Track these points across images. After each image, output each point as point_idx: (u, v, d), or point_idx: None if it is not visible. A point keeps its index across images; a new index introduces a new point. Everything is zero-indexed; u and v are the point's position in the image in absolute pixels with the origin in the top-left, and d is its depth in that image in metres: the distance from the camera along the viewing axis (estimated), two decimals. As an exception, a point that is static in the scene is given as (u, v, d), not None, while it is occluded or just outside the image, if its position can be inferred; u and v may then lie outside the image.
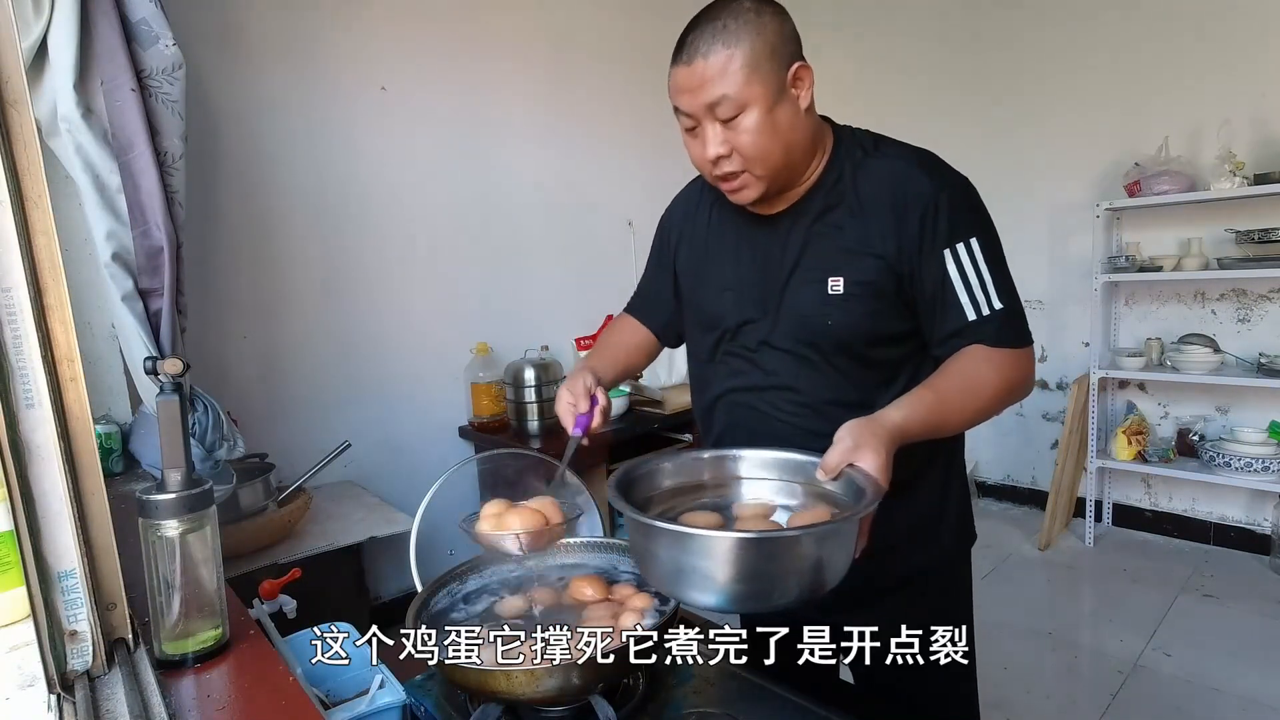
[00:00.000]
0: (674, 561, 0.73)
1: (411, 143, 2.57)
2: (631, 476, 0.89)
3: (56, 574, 0.72)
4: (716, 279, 1.08)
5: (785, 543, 0.73)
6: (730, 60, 0.87)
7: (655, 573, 0.78)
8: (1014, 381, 0.93)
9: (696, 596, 0.73)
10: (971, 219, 0.94)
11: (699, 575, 0.71)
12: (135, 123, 1.51)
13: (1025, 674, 2.27)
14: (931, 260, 0.92)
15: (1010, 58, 3.38)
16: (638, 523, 0.76)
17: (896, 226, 0.93)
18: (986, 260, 0.92)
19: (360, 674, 0.97)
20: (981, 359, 0.91)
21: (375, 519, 2.04)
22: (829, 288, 0.96)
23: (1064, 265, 3.35)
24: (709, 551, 0.71)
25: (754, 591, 0.71)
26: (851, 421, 0.82)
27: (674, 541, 0.73)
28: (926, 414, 0.85)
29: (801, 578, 0.72)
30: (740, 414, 1.06)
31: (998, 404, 0.92)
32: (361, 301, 2.49)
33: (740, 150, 0.91)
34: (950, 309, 0.93)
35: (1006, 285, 0.93)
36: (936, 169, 0.96)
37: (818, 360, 0.99)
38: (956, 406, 0.89)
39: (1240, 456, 2.76)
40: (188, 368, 0.83)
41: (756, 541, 0.71)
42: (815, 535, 0.73)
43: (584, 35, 3.05)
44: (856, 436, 0.79)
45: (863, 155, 0.98)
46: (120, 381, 1.85)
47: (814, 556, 0.72)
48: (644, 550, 0.78)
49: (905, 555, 1.04)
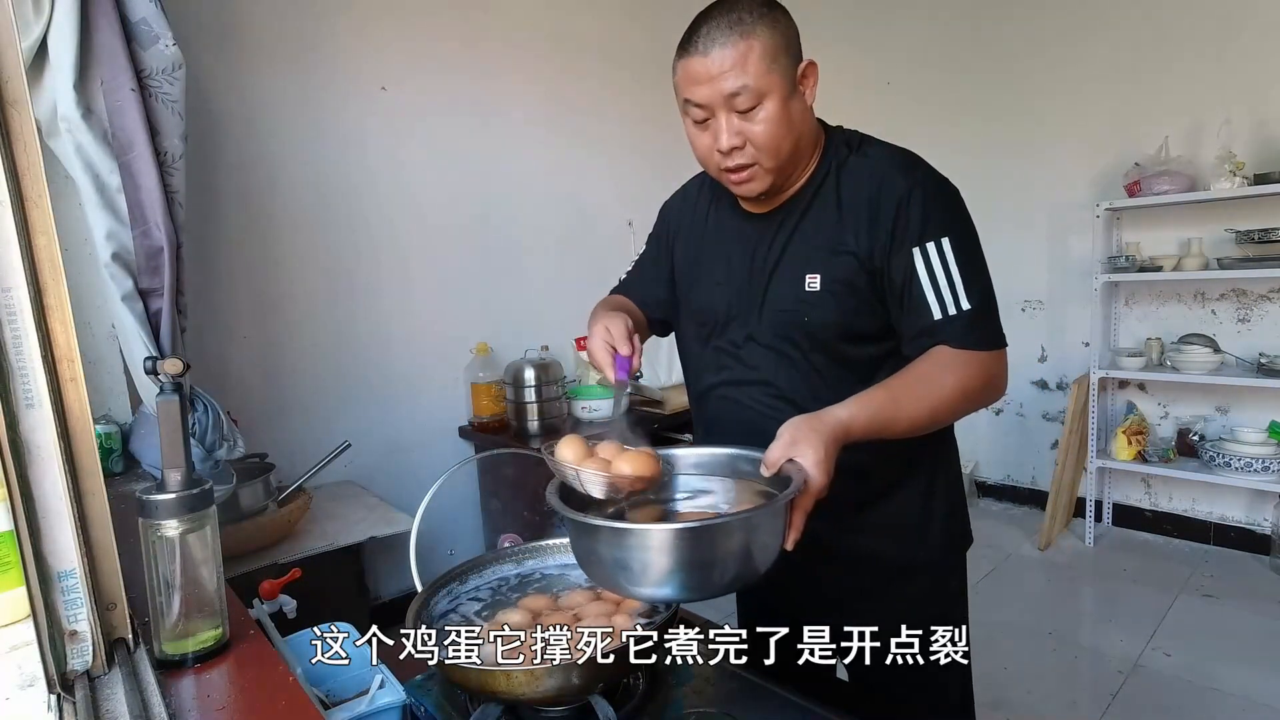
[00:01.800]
0: (611, 557, 0.76)
1: (411, 143, 2.57)
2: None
3: (56, 574, 0.72)
4: (710, 274, 1.09)
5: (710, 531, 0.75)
6: (750, 50, 0.87)
7: (595, 570, 0.81)
8: (977, 383, 0.91)
9: (641, 590, 0.76)
10: (944, 218, 0.93)
11: (641, 568, 0.74)
12: (135, 123, 1.51)
13: (1025, 674, 2.27)
14: (900, 257, 0.92)
15: (1011, 58, 3.38)
16: (575, 523, 0.78)
17: (870, 224, 0.94)
18: (958, 260, 0.92)
19: (360, 674, 0.97)
20: (944, 360, 0.91)
21: (375, 519, 2.04)
22: (806, 285, 0.97)
23: (1064, 265, 3.35)
24: (643, 544, 0.74)
25: (693, 580, 0.74)
26: (795, 418, 0.82)
27: (610, 538, 0.76)
28: (875, 412, 0.85)
29: (727, 565, 0.74)
30: (726, 407, 1.08)
31: (958, 406, 0.91)
32: (362, 301, 2.49)
33: (754, 141, 0.91)
34: (917, 307, 0.92)
35: (978, 287, 0.92)
36: (914, 168, 0.96)
37: (796, 357, 1.00)
38: (909, 407, 0.88)
39: (1240, 456, 2.76)
40: (188, 368, 0.83)
41: (683, 532, 0.73)
42: (740, 522, 0.75)
43: (584, 35, 3.04)
44: (796, 432, 0.80)
45: (847, 154, 0.99)
46: (120, 381, 1.85)
47: (742, 543, 0.74)
48: (584, 550, 0.81)
49: (889, 553, 1.05)
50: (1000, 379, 0.95)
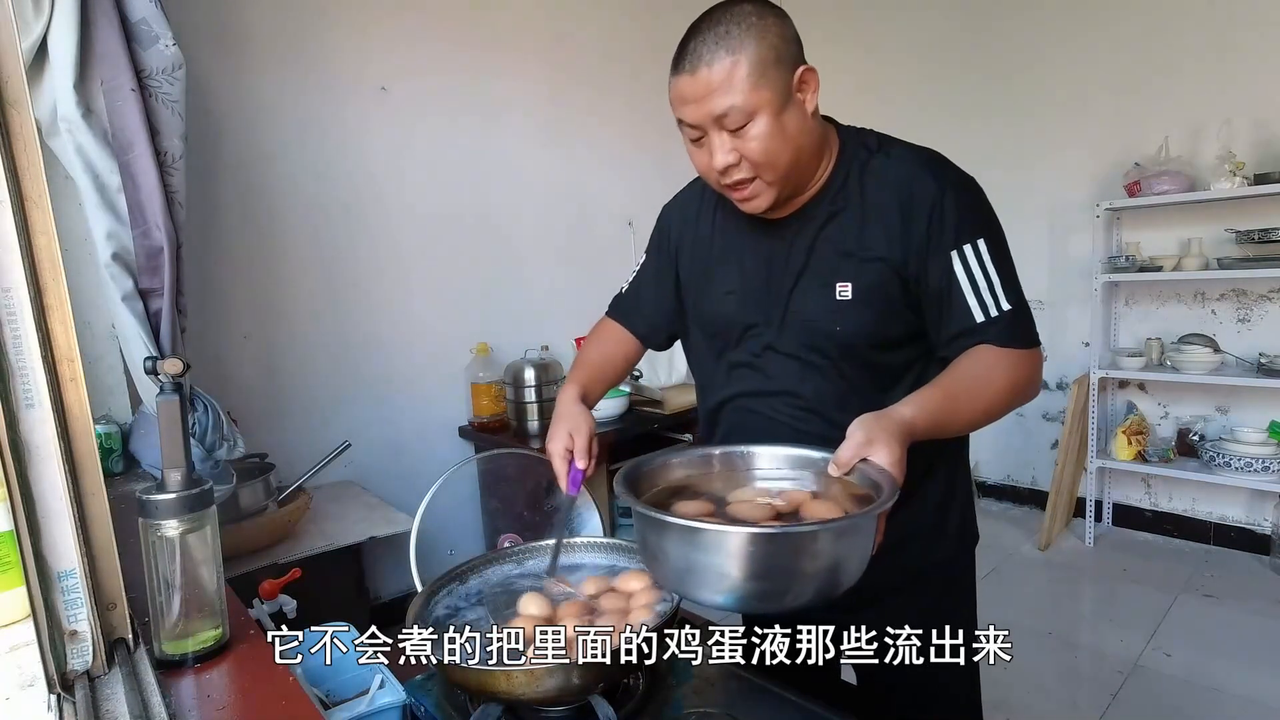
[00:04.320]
0: (684, 559, 0.70)
1: (412, 142, 2.57)
2: (639, 472, 0.86)
3: (56, 574, 0.72)
4: (720, 283, 1.06)
5: (803, 538, 0.69)
6: (735, 68, 0.84)
7: (663, 571, 0.74)
8: (1021, 382, 0.92)
9: (708, 596, 0.70)
10: (978, 219, 0.93)
11: (711, 573, 0.68)
12: (135, 123, 1.51)
13: (1025, 674, 2.27)
14: (938, 262, 0.91)
15: (1011, 58, 3.38)
16: (647, 518, 0.72)
17: (903, 229, 0.92)
18: (994, 261, 0.91)
19: (360, 674, 0.97)
20: (990, 359, 0.90)
21: (375, 519, 2.04)
22: (836, 293, 0.94)
23: (1064, 265, 3.35)
24: (721, 547, 0.67)
25: (767, 590, 0.68)
26: (864, 416, 0.80)
27: (685, 537, 0.69)
28: (935, 412, 0.84)
29: (818, 576, 0.68)
30: (745, 419, 1.05)
31: (1005, 405, 0.91)
32: (362, 301, 2.49)
33: (749, 158, 0.89)
34: (957, 311, 0.91)
35: (1014, 285, 0.92)
36: (942, 169, 0.94)
37: (824, 365, 0.98)
38: (965, 406, 0.87)
39: (1240, 456, 2.75)
40: (188, 368, 0.83)
41: (771, 537, 0.68)
42: (834, 531, 0.69)
43: (585, 35, 3.04)
44: (869, 431, 0.77)
45: (868, 157, 0.96)
46: (120, 381, 1.85)
47: (832, 553, 0.69)
48: (653, 547, 0.75)
49: (908, 556, 1.04)
50: (1038, 376, 0.96)
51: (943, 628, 1.07)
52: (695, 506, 0.83)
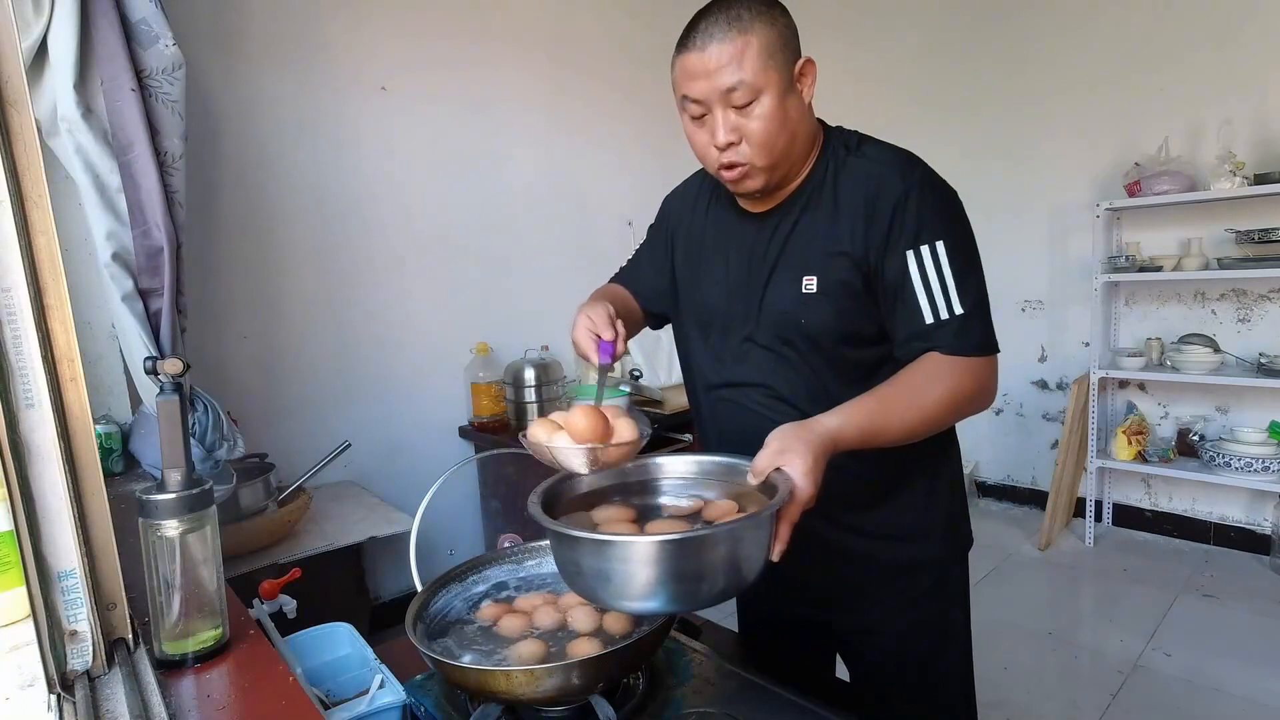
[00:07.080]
0: (593, 569, 0.72)
1: (411, 143, 2.57)
2: (554, 492, 0.87)
3: (56, 574, 0.72)
4: (709, 273, 1.08)
5: (694, 543, 0.72)
6: (747, 46, 0.87)
7: (578, 583, 0.76)
8: (967, 391, 0.90)
9: (620, 603, 0.73)
10: (940, 221, 0.92)
11: (618, 581, 0.71)
12: (135, 122, 1.51)
13: (1025, 674, 2.27)
14: (895, 259, 0.92)
15: (1011, 57, 3.38)
16: (555, 534, 0.74)
17: (866, 226, 0.93)
18: (952, 264, 0.91)
19: (360, 674, 0.97)
20: (932, 368, 0.90)
21: (375, 519, 2.04)
22: (803, 287, 0.96)
23: (1064, 265, 3.35)
24: (626, 557, 0.70)
25: (674, 593, 0.71)
26: (784, 425, 0.81)
27: (594, 550, 0.72)
28: (865, 421, 0.84)
29: (715, 577, 0.71)
30: (723, 408, 1.08)
31: (947, 413, 0.90)
32: (362, 301, 2.49)
33: (749, 138, 0.91)
34: (909, 309, 0.92)
35: (972, 291, 0.91)
36: (912, 169, 0.95)
37: (794, 358, 0.99)
38: (899, 415, 0.87)
39: (1240, 456, 2.76)
40: (188, 368, 0.83)
41: (667, 544, 0.70)
42: (724, 534, 0.72)
43: (584, 35, 3.05)
44: (785, 441, 0.78)
45: (846, 155, 0.98)
46: (120, 381, 1.85)
47: (725, 555, 0.72)
48: (566, 562, 0.77)
49: (890, 559, 1.05)
50: (991, 386, 0.93)
51: (933, 628, 1.08)
52: (613, 513, 0.84)
